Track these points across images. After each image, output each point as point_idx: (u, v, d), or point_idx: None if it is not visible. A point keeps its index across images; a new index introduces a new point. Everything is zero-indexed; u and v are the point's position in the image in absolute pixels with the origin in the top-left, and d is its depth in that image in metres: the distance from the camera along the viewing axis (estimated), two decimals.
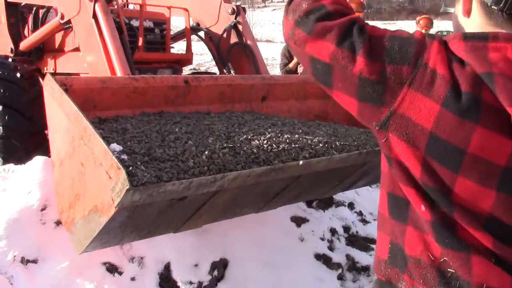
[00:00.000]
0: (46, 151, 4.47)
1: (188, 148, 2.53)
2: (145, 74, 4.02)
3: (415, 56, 1.06)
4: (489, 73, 1.02)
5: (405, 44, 1.08)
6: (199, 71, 11.07)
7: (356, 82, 1.09)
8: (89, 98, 2.75)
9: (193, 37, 5.04)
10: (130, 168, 2.19)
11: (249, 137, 2.85)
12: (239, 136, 2.83)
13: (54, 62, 4.87)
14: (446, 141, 1.03)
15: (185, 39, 5.02)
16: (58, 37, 4.79)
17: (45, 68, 4.97)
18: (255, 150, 2.69)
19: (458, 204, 1.06)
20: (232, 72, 4.48)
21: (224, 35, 4.53)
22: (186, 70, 8.99)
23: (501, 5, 1.12)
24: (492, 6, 1.13)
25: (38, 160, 3.50)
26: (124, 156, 2.29)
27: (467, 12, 1.19)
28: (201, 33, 4.87)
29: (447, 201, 1.06)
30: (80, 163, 2.39)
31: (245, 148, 2.68)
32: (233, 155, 2.60)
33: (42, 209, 3.20)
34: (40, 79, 4.89)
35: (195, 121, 2.97)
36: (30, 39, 4.88)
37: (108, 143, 2.32)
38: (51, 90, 2.55)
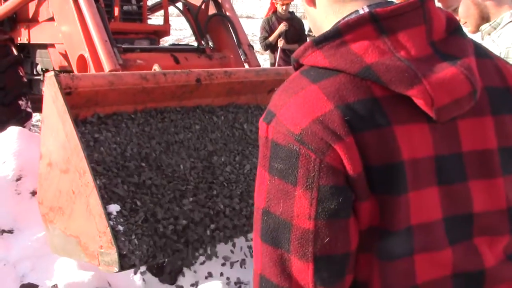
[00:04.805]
0: (20, 122, 4.40)
1: (185, 214, 2.49)
2: (122, 45, 3.96)
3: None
4: (366, 68, 0.88)
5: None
6: (180, 43, 10.89)
7: None
8: (93, 98, 2.60)
9: (173, 12, 4.96)
10: (122, 250, 2.16)
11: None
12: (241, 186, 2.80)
13: (28, 33, 4.75)
14: (382, 164, 0.88)
15: (163, 10, 4.94)
16: (32, 6, 4.66)
17: (19, 38, 4.84)
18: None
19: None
20: (210, 43, 4.43)
21: (203, 7, 4.47)
22: (167, 41, 8.85)
23: None
24: None
25: (12, 131, 3.44)
26: (120, 227, 2.24)
27: (312, 2, 1.03)
28: (179, 4, 4.80)
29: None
30: (72, 190, 2.36)
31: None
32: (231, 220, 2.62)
33: (17, 179, 3.16)
34: (14, 49, 4.78)
35: (195, 138, 2.84)
36: (2, 8, 4.74)
37: (107, 196, 2.29)
38: (53, 95, 2.40)
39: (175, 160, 2.67)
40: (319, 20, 1.05)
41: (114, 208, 2.30)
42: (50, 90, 2.40)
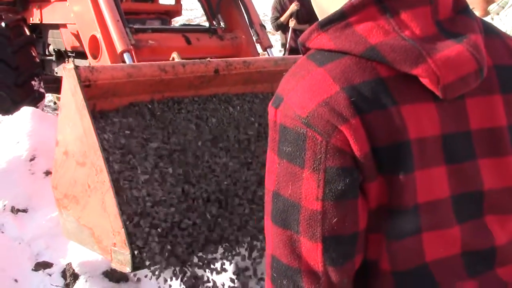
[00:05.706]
0: (33, 102, 4.43)
1: (202, 218, 2.44)
2: (133, 25, 3.95)
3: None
4: (371, 48, 0.88)
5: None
6: (191, 23, 10.85)
7: None
8: (111, 89, 2.58)
9: None
10: (136, 253, 2.14)
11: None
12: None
13: (40, 13, 4.74)
14: (389, 144, 0.88)
15: None
16: None
17: (31, 19, 4.85)
18: None
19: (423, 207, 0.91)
20: (222, 24, 4.40)
21: None
22: (178, 21, 8.82)
23: None
24: None
25: (26, 111, 3.48)
26: (135, 229, 2.22)
27: None
28: None
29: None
30: (87, 183, 2.35)
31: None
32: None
33: (31, 159, 3.19)
34: (26, 29, 4.78)
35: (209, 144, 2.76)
36: None
37: (121, 191, 2.25)
38: (73, 88, 2.37)
39: (193, 159, 2.62)
40: (325, 3, 1.05)
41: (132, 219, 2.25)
42: (70, 83, 2.38)
